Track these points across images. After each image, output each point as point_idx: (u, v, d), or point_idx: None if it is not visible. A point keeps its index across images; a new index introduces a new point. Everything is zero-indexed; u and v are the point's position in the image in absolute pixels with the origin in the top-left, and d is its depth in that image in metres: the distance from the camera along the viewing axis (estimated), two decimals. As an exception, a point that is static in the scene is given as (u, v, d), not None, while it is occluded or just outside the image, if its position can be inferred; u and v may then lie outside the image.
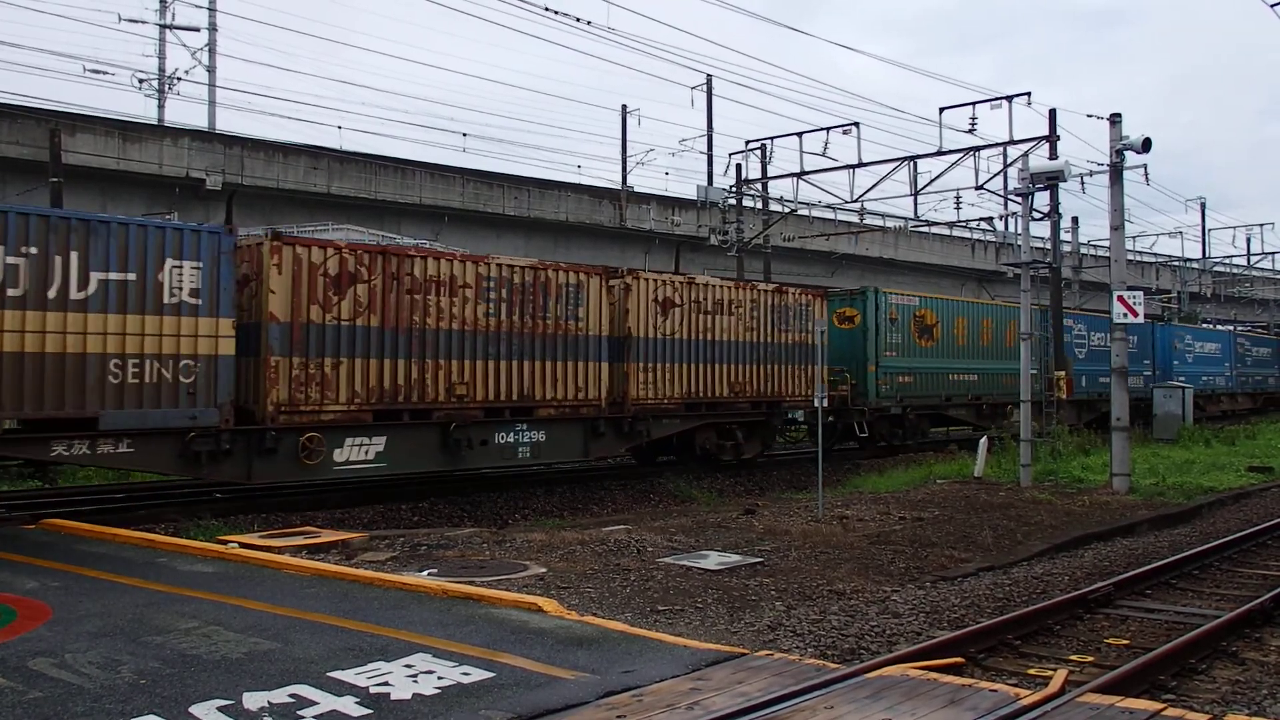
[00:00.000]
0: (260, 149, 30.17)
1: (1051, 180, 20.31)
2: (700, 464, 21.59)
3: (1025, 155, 25.19)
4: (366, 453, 15.50)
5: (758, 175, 32.98)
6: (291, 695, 6.03)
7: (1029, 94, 25.12)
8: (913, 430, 26.91)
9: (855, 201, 29.70)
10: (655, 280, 19.76)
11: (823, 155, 28.62)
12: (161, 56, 37.00)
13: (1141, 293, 18.73)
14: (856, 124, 27.84)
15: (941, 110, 26.30)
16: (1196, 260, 60.50)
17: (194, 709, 5.78)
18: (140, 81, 35.70)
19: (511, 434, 17.28)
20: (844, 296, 25.92)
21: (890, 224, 41.78)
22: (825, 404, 23.49)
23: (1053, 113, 26.19)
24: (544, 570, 10.20)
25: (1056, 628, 8.62)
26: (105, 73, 46.52)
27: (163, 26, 37.13)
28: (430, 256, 16.47)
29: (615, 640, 7.39)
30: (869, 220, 37.30)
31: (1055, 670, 7.11)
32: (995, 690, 6.23)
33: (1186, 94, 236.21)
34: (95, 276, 12.93)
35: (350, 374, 15.19)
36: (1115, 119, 18.47)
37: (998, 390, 29.10)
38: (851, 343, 25.05)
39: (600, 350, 18.45)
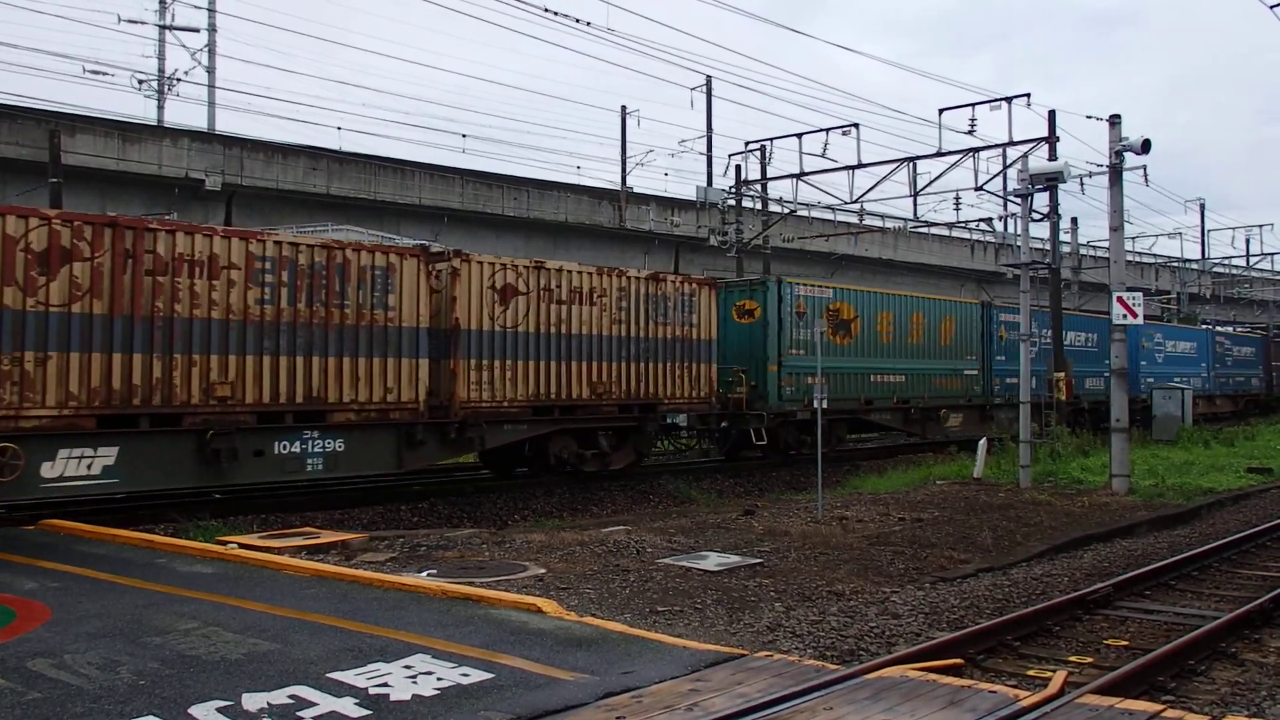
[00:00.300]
0: (259, 150, 30.19)
1: (1051, 181, 20.35)
2: (557, 476, 19.22)
3: (1025, 156, 25.22)
4: (90, 467, 12.97)
5: (757, 176, 33.03)
6: (291, 696, 6.03)
7: (1028, 95, 25.20)
8: (824, 437, 24.45)
9: (855, 202, 29.73)
10: (493, 265, 17.22)
11: (822, 156, 28.66)
12: (161, 57, 37.04)
13: (1141, 294, 18.75)
14: (856, 125, 27.87)
15: (941, 111, 26.32)
16: (1196, 261, 60.61)
17: (193, 710, 5.78)
18: (140, 82, 35.74)
19: (298, 443, 14.77)
20: (743, 287, 23.47)
21: (890, 225, 41.82)
22: (726, 408, 21.22)
23: (1052, 114, 26.22)
24: (543, 571, 10.20)
25: (1056, 629, 8.62)
26: (105, 73, 46.48)
27: (162, 27, 37.15)
28: (181, 230, 13.94)
29: (614, 641, 7.40)
30: (868, 221, 37.28)
31: (1054, 671, 7.11)
32: (994, 691, 6.23)
33: (1185, 94, 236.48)
34: None
35: (63, 371, 12.66)
36: (1114, 120, 18.48)
37: (929, 393, 26.40)
38: (750, 339, 22.61)
39: (417, 344, 16.00)
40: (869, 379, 24.75)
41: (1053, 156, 25.19)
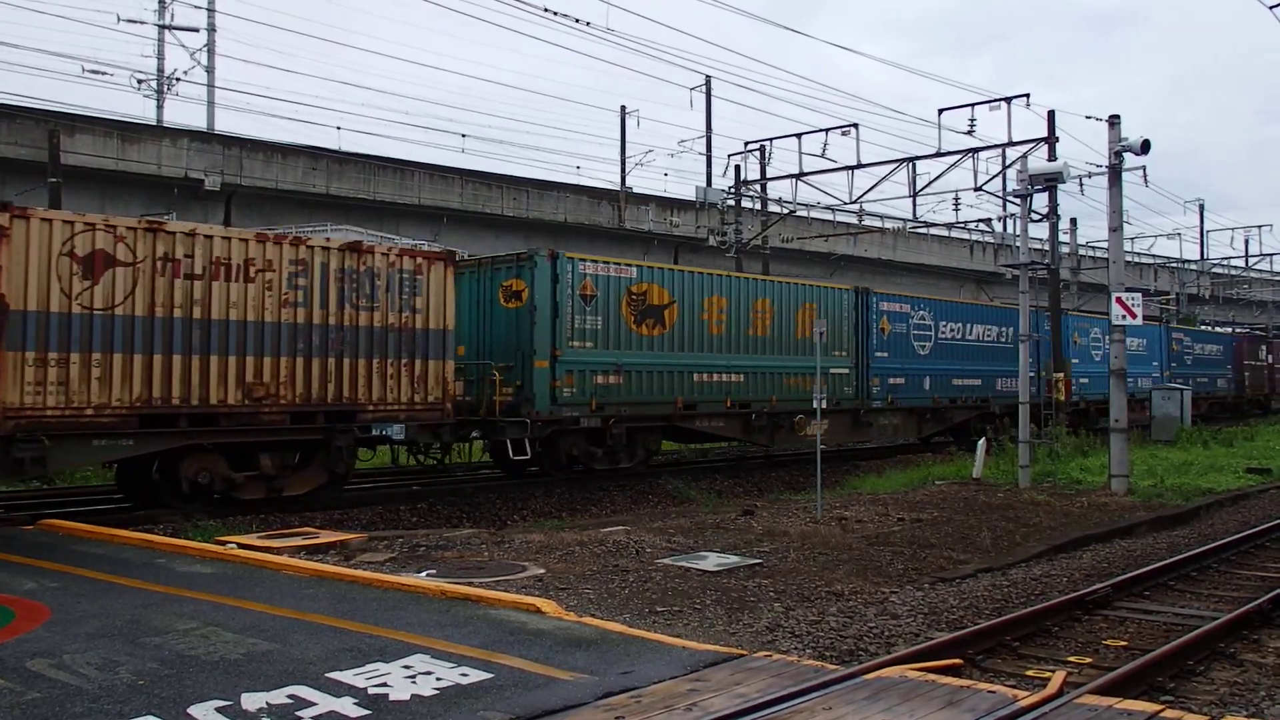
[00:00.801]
0: (259, 149, 30.20)
1: (1050, 182, 20.38)
2: (201, 506, 14.78)
3: (1024, 157, 25.26)
4: None
5: (756, 176, 33.08)
6: (290, 696, 6.03)
7: (1028, 95, 25.28)
8: (625, 449, 20.04)
9: (854, 203, 29.81)
10: (72, 224, 13.13)
11: (821, 156, 28.75)
12: (160, 57, 37.10)
13: (1140, 294, 18.75)
14: (855, 125, 27.95)
15: (940, 112, 26.39)
16: (1195, 262, 60.67)
17: (192, 710, 5.78)
18: (139, 82, 35.82)
19: None
20: (510, 264, 18.86)
21: (889, 225, 41.87)
22: (488, 414, 17.36)
23: (1051, 114, 26.24)
24: (542, 571, 10.21)
25: (1055, 629, 8.62)
26: (104, 73, 46.57)
27: (161, 27, 37.19)
28: None
29: (614, 641, 7.40)
30: (868, 221, 37.44)
31: (1054, 672, 7.11)
32: (993, 691, 6.23)
33: (1185, 95, 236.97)
34: None
35: None
36: (1114, 120, 18.48)
37: (780, 394, 22.07)
38: (518, 329, 18.43)
39: None
40: (690, 378, 20.53)
41: (1052, 157, 25.22)
